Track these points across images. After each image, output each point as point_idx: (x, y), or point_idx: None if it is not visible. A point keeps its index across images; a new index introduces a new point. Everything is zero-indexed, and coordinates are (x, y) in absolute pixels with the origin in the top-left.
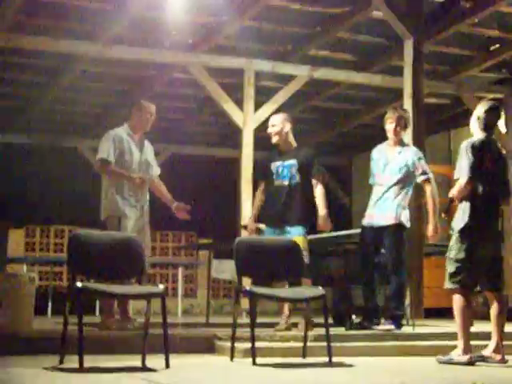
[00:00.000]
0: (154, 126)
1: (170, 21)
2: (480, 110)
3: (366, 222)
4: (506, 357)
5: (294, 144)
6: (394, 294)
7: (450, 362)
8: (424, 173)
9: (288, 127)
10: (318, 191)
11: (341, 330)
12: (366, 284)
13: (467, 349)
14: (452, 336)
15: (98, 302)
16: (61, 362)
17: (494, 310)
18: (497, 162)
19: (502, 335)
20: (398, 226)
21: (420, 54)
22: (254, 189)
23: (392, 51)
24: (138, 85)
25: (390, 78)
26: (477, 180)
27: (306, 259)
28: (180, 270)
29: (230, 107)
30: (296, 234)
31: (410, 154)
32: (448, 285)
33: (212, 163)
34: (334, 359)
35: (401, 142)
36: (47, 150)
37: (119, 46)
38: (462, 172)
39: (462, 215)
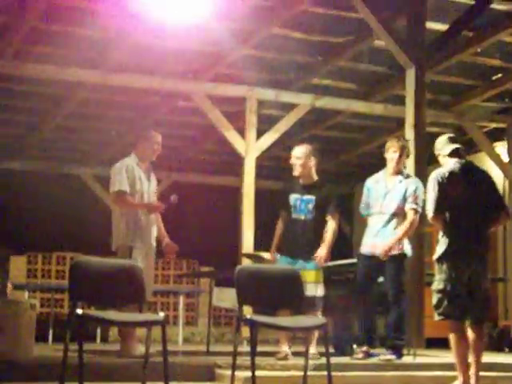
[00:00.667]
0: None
1: (173, 49)
2: (437, 147)
3: (365, 250)
4: None
5: (315, 178)
6: (394, 324)
7: None
8: (414, 202)
9: (313, 161)
10: (330, 226)
11: (342, 360)
12: (364, 313)
13: (465, 380)
14: (453, 366)
15: (99, 330)
16: None
17: (472, 344)
18: (476, 185)
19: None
20: (401, 255)
21: (422, 83)
22: (258, 217)
23: (394, 80)
24: (141, 112)
25: (391, 107)
26: (450, 210)
27: (321, 292)
28: (181, 298)
29: (232, 135)
30: (311, 268)
31: (410, 183)
32: (435, 317)
33: (214, 191)
34: None
35: (401, 172)
36: (50, 178)
37: (121, 73)
38: (428, 207)
39: (439, 246)
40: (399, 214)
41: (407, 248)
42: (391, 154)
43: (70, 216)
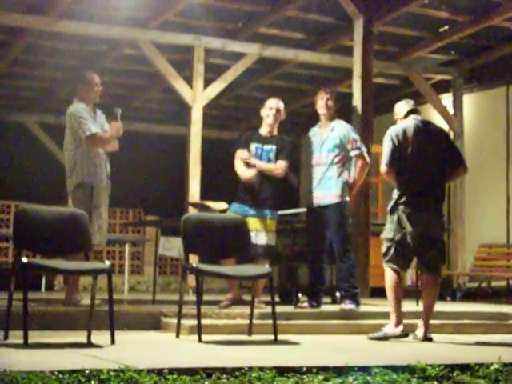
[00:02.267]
0: (102, 102)
1: None
2: (395, 111)
3: (308, 202)
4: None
5: (275, 133)
6: (348, 273)
7: (385, 337)
8: (355, 147)
9: (282, 117)
10: (276, 170)
11: (287, 308)
12: (313, 263)
13: (399, 321)
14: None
15: (43, 278)
16: (5, 337)
17: (424, 291)
18: (431, 140)
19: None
20: (343, 203)
21: (370, 34)
22: (203, 166)
23: (342, 31)
24: (87, 60)
25: (339, 57)
26: (404, 164)
27: (273, 241)
28: (127, 247)
29: (179, 84)
30: (267, 216)
31: (341, 129)
32: (384, 264)
33: (160, 140)
34: (280, 337)
35: (333, 118)
36: None
37: (68, 20)
38: (382, 159)
39: (392, 198)
40: (336, 163)
41: (346, 195)
42: (319, 101)
43: (15, 164)
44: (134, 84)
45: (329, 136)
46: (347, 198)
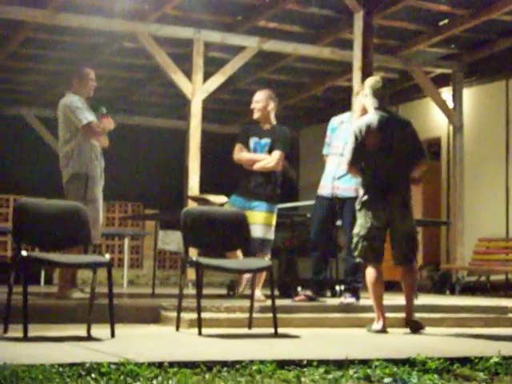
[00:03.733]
0: (101, 96)
1: None
2: (366, 86)
3: (326, 192)
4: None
5: (274, 122)
6: (354, 267)
7: (369, 331)
8: None
9: (272, 105)
10: (269, 163)
11: (287, 302)
12: (319, 257)
13: (379, 317)
14: (396, 308)
15: (43, 272)
16: (5, 331)
17: (402, 281)
18: (394, 134)
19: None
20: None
21: (370, 27)
22: (202, 160)
23: (342, 24)
24: (86, 53)
25: (339, 51)
26: (368, 160)
27: (272, 235)
28: (126, 241)
29: (178, 77)
30: (264, 210)
31: None
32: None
33: (160, 134)
34: (280, 330)
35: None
36: None
37: (67, 13)
38: (346, 156)
39: (359, 193)
40: None
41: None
42: (361, 97)
43: (13, 157)
44: (134, 77)
45: None
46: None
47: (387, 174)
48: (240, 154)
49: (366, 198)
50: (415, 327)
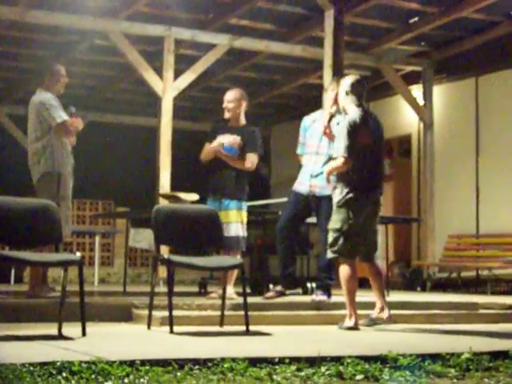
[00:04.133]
0: (73, 93)
1: None
2: (347, 84)
3: (303, 189)
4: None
5: (243, 122)
6: (327, 265)
7: (341, 328)
8: None
9: (243, 106)
10: (246, 164)
11: (258, 299)
12: (287, 251)
13: (351, 314)
14: (367, 305)
15: (13, 270)
16: None
17: (371, 277)
18: (375, 132)
19: (384, 297)
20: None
21: (340, 25)
22: (173, 157)
23: (313, 22)
24: (57, 50)
25: (310, 48)
26: (356, 156)
27: (244, 232)
28: (97, 239)
29: (149, 75)
30: (233, 208)
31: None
32: (328, 254)
33: (131, 131)
34: (252, 328)
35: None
36: None
37: (38, 10)
38: (339, 151)
39: (340, 189)
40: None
41: None
42: (330, 93)
43: None
44: (105, 75)
45: (334, 128)
46: None
47: (371, 170)
48: (207, 150)
49: (351, 195)
50: None
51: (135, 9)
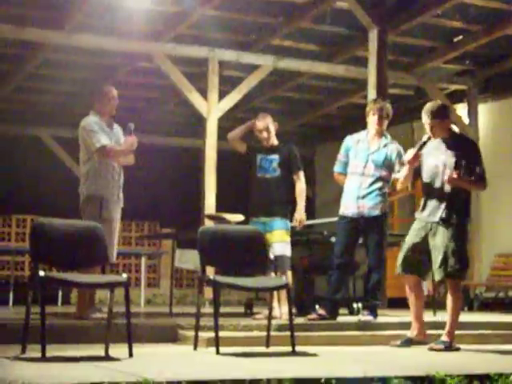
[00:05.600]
0: (117, 116)
1: (135, 9)
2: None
3: (351, 212)
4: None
5: (276, 142)
6: (377, 285)
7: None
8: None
9: (275, 128)
10: (298, 187)
11: (304, 320)
12: (340, 277)
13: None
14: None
15: (60, 292)
16: (23, 351)
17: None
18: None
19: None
20: (383, 216)
21: (384, 44)
22: (218, 178)
23: (356, 42)
24: (102, 73)
25: (353, 68)
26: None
27: (289, 252)
28: (143, 260)
29: (193, 96)
30: (280, 228)
31: (394, 149)
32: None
33: (176, 153)
34: (298, 348)
35: (384, 135)
36: (9, 139)
37: (83, 34)
38: (481, 175)
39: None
40: (382, 178)
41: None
42: (371, 116)
43: (30, 178)
44: (149, 97)
45: (380, 150)
46: (387, 211)
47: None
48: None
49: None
50: None
51: (178, 31)
